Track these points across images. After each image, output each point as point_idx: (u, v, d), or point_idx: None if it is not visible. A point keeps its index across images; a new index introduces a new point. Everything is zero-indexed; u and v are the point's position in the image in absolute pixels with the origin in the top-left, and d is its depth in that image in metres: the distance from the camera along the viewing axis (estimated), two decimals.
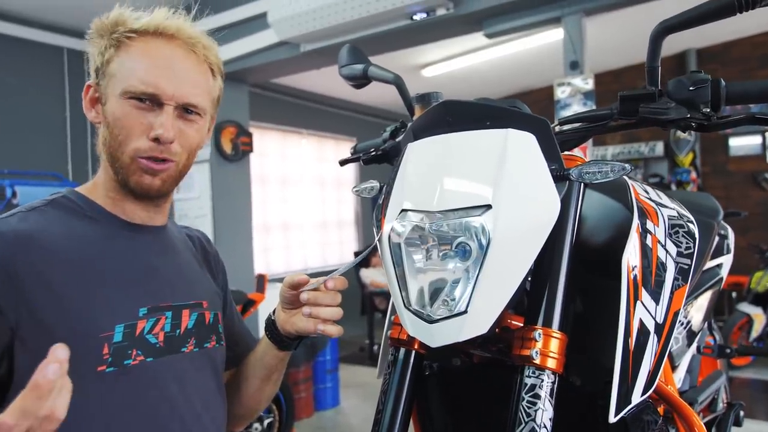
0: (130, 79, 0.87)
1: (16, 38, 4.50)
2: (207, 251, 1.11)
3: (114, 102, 0.88)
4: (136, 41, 0.89)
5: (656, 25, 0.77)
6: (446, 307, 0.71)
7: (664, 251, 0.82)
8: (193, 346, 0.93)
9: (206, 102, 0.94)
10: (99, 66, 0.90)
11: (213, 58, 0.96)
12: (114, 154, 0.89)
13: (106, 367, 0.81)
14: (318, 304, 0.91)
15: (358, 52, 1.17)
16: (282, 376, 1.09)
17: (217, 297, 1.06)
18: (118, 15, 0.90)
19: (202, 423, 0.92)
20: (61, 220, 0.88)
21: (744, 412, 1.50)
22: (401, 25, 3.67)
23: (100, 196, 0.94)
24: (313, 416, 4.23)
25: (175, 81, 0.88)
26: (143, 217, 0.96)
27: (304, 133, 6.87)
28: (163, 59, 0.89)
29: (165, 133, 0.86)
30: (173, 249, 1.01)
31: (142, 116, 0.87)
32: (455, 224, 0.70)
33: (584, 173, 0.73)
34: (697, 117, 0.75)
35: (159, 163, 0.89)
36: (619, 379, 0.73)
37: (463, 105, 0.80)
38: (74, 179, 4.83)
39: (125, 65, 0.88)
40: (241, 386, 1.09)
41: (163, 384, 0.87)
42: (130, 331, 0.84)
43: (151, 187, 0.90)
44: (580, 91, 3.19)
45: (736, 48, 6.19)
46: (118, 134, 0.88)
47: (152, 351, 0.87)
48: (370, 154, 1.10)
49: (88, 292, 0.83)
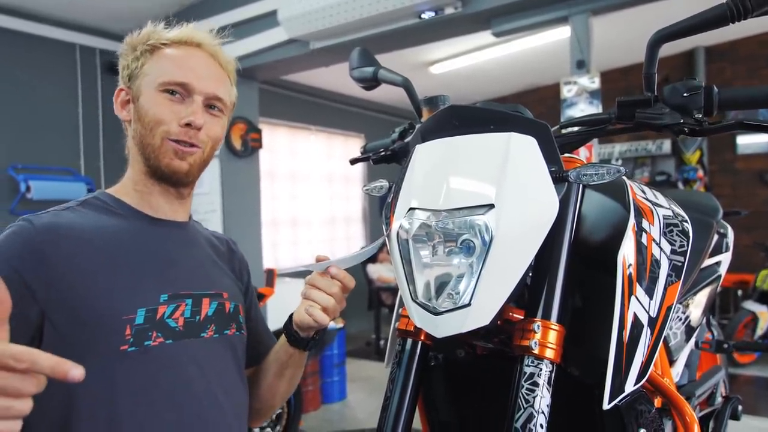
0: (165, 74, 0.97)
1: (29, 35, 4.56)
2: (233, 252, 1.17)
3: (147, 95, 0.98)
4: (168, 47, 1.00)
5: (653, 34, 0.82)
6: (451, 300, 0.76)
7: (659, 249, 0.86)
8: (212, 332, 0.98)
9: (228, 100, 1.05)
10: (132, 71, 1.00)
11: (231, 68, 1.07)
12: (145, 140, 0.97)
13: (128, 347, 0.87)
14: (314, 285, 0.95)
15: (368, 55, 1.21)
16: (297, 377, 1.13)
17: (239, 291, 1.10)
18: (150, 30, 1.01)
19: (220, 405, 0.96)
20: (90, 216, 0.96)
21: (742, 406, 1.53)
22: (410, 24, 3.70)
23: (127, 193, 1.02)
24: (320, 409, 4.29)
25: (203, 77, 0.99)
26: (167, 212, 1.03)
27: (313, 130, 6.91)
28: (193, 59, 1.00)
29: (196, 119, 0.96)
30: (195, 243, 1.07)
31: (173, 106, 0.97)
32: (460, 222, 0.75)
33: (582, 175, 0.77)
34: (689, 122, 0.79)
35: (187, 147, 0.97)
36: (613, 369, 0.77)
37: (468, 110, 0.84)
38: (86, 174, 4.90)
39: (158, 64, 0.98)
40: (258, 380, 1.14)
41: (181, 365, 0.92)
42: (151, 315, 0.90)
43: (180, 169, 0.98)
44: (586, 90, 3.22)
45: (744, 46, 6.18)
46: (149, 122, 0.96)
47: (172, 334, 0.92)
48: (380, 154, 1.14)
49: (113, 279, 0.89)
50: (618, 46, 5.65)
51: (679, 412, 0.95)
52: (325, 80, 6.33)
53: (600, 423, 0.86)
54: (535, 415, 0.74)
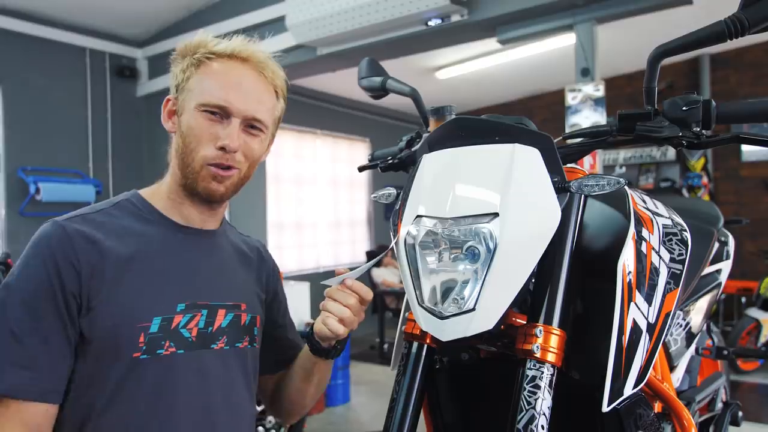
0: (205, 94, 0.96)
1: (40, 38, 4.61)
2: (263, 260, 1.18)
3: (189, 113, 0.98)
4: (214, 62, 0.98)
5: (653, 50, 0.84)
6: (456, 304, 0.78)
7: (658, 257, 0.89)
8: (223, 344, 1.00)
9: (269, 119, 1.04)
10: (179, 82, 1.00)
11: (279, 82, 1.06)
12: (185, 160, 0.98)
13: (140, 354, 0.89)
14: (331, 297, 0.97)
15: (376, 65, 1.25)
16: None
17: (258, 302, 1.11)
18: (201, 39, 1.00)
19: (221, 414, 0.98)
20: (119, 221, 0.97)
21: (742, 412, 1.55)
22: (416, 31, 3.74)
23: (160, 199, 1.03)
24: (324, 412, 4.31)
25: (243, 97, 0.97)
26: (197, 221, 1.04)
27: (319, 134, 6.95)
28: (235, 78, 0.98)
29: (231, 143, 0.96)
30: (220, 252, 1.07)
31: (212, 127, 0.96)
32: (466, 230, 0.78)
33: (583, 185, 0.80)
34: (688, 135, 0.82)
35: (224, 170, 0.97)
36: (612, 372, 0.80)
37: (474, 121, 0.87)
38: (95, 176, 4.96)
39: (202, 82, 0.97)
40: (287, 384, 1.16)
41: (186, 374, 0.94)
42: (166, 324, 0.92)
43: (216, 192, 0.99)
44: (590, 98, 3.25)
45: (750, 53, 6.19)
46: (190, 142, 0.97)
47: (184, 344, 0.94)
48: (387, 162, 1.17)
49: (133, 286, 0.92)
50: (623, 53, 5.67)
51: (678, 416, 0.97)
52: (331, 85, 6.37)
53: (600, 426, 0.88)
54: (536, 417, 0.76)
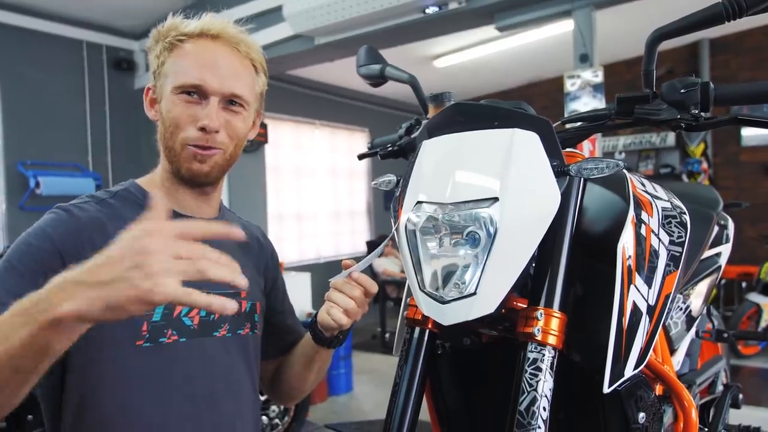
0: (179, 76, 0.96)
1: (37, 32, 4.60)
2: (263, 247, 1.19)
3: (167, 98, 0.97)
4: (186, 43, 0.97)
5: (651, 33, 0.84)
6: (457, 289, 0.79)
7: (657, 240, 0.90)
8: (225, 331, 1.00)
9: (249, 94, 1.02)
10: (156, 68, 1.00)
11: (255, 55, 1.03)
12: (168, 144, 0.98)
13: (143, 342, 0.90)
14: (336, 288, 0.99)
15: (375, 52, 1.24)
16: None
17: (258, 289, 1.12)
18: (171, 22, 0.99)
19: (224, 401, 0.99)
20: (118, 210, 0.97)
21: (742, 395, 1.56)
22: (414, 19, 3.73)
23: (156, 187, 1.03)
24: (327, 401, 4.34)
25: (218, 75, 0.96)
26: (193, 208, 1.04)
27: (317, 124, 6.94)
28: (209, 56, 0.96)
29: (210, 123, 0.94)
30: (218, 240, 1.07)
31: (190, 109, 0.96)
32: (466, 215, 0.79)
33: (582, 169, 0.80)
34: (686, 118, 0.82)
35: (206, 149, 0.97)
36: (612, 354, 0.80)
37: (473, 107, 0.87)
38: (94, 169, 4.96)
39: (176, 65, 0.97)
40: (288, 368, 1.17)
41: (189, 362, 0.94)
42: (168, 312, 0.93)
43: (200, 172, 0.98)
44: (589, 84, 3.24)
45: (750, 38, 6.16)
46: (170, 126, 0.97)
47: (186, 332, 0.95)
48: (387, 149, 1.17)
49: None
50: (622, 39, 5.65)
51: (678, 398, 0.98)
52: (329, 75, 6.35)
53: (601, 407, 0.89)
54: (538, 399, 0.77)
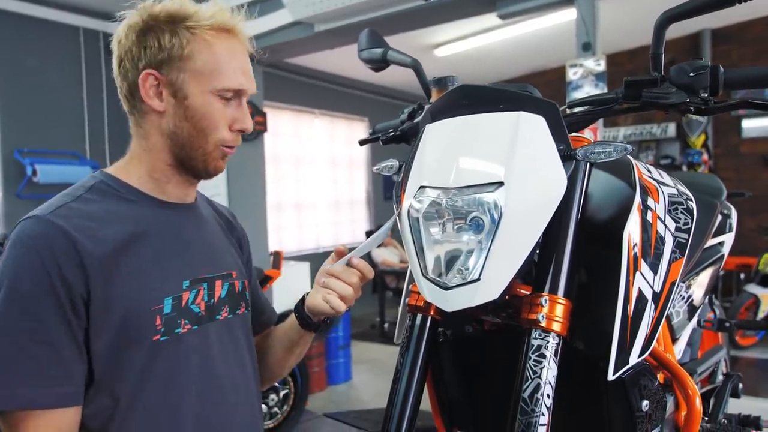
0: (224, 78, 0.93)
1: (33, 18, 4.54)
2: (233, 226, 1.18)
3: (199, 96, 0.92)
4: (209, 36, 0.92)
5: (660, 15, 0.83)
6: (461, 275, 0.78)
7: (663, 226, 0.88)
8: (227, 312, 1.01)
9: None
10: (169, 56, 0.91)
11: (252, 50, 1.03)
12: (194, 142, 0.95)
13: (159, 336, 0.89)
14: (332, 275, 0.99)
15: (377, 36, 1.22)
16: (304, 351, 1.17)
17: (243, 267, 1.12)
18: (180, 6, 0.92)
19: (238, 385, 1.01)
20: (102, 205, 0.91)
21: (742, 384, 1.56)
22: (415, 6, 3.69)
23: (136, 177, 0.97)
24: (326, 390, 4.35)
25: (250, 78, 0.98)
26: (179, 196, 1.01)
27: (317, 113, 6.91)
28: (242, 58, 0.97)
29: (249, 127, 0.98)
30: (204, 223, 1.07)
31: (226, 109, 0.95)
32: (470, 200, 0.77)
33: (589, 153, 0.79)
34: (695, 101, 0.81)
35: (233, 149, 1.00)
36: (617, 341, 0.79)
37: (478, 89, 0.86)
38: (91, 157, 4.92)
39: (212, 62, 0.92)
40: (268, 352, 1.18)
41: (206, 348, 0.95)
42: (177, 303, 0.92)
43: (222, 169, 1.01)
44: (592, 73, 3.21)
45: (752, 28, 6.12)
46: (203, 126, 0.94)
47: (196, 319, 0.95)
48: (389, 135, 1.16)
49: (136, 270, 0.89)
50: (624, 28, 5.61)
51: (682, 386, 0.97)
52: (329, 63, 6.30)
53: (605, 395, 0.88)
54: (542, 386, 0.76)
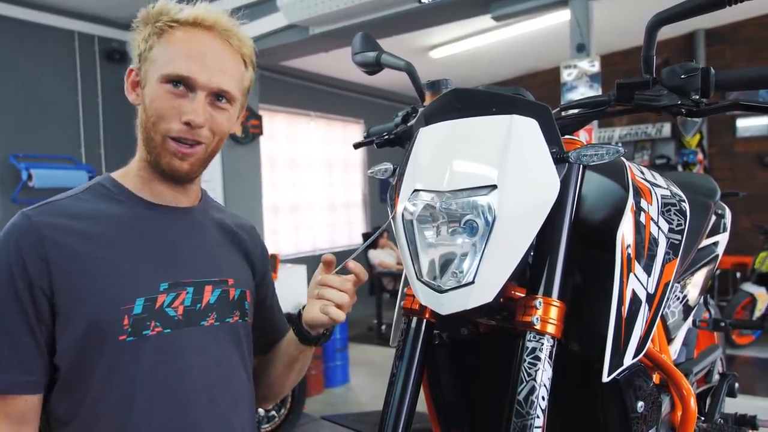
0: (167, 65, 0.91)
1: (28, 22, 4.54)
2: (255, 241, 1.15)
3: (152, 85, 0.93)
4: (177, 30, 0.93)
5: (651, 17, 0.83)
6: (455, 278, 0.78)
7: (657, 228, 0.89)
8: (213, 320, 0.97)
9: (237, 90, 0.98)
10: (142, 52, 0.95)
11: (246, 50, 1.00)
12: (148, 134, 0.94)
13: (126, 336, 0.87)
14: (327, 284, 0.96)
15: (371, 39, 1.22)
16: (305, 368, 1.15)
17: (248, 277, 1.09)
18: (163, 5, 0.94)
19: (219, 392, 0.96)
20: (90, 204, 0.94)
21: (738, 383, 1.56)
22: (410, 8, 3.70)
23: (130, 177, 0.99)
24: (324, 393, 4.35)
25: (208, 69, 0.92)
26: (169, 198, 1.00)
27: (312, 116, 6.91)
28: (200, 48, 0.93)
29: (196, 118, 0.91)
30: (200, 228, 1.04)
31: (175, 101, 0.92)
32: (463, 203, 0.77)
33: (582, 155, 0.79)
34: (687, 104, 0.81)
35: (188, 147, 0.94)
36: (612, 343, 0.80)
37: (471, 92, 0.86)
38: (87, 162, 4.91)
39: (165, 52, 0.93)
40: (267, 369, 1.15)
41: (180, 354, 0.92)
42: (150, 304, 0.90)
43: (180, 169, 0.95)
44: (586, 74, 3.22)
45: (745, 28, 6.15)
46: (152, 115, 0.93)
47: (171, 323, 0.92)
48: (383, 138, 1.16)
49: (111, 268, 0.89)
50: (619, 29, 5.63)
51: (677, 386, 0.98)
52: (324, 66, 6.31)
53: (600, 397, 0.88)
54: (537, 388, 0.76)
